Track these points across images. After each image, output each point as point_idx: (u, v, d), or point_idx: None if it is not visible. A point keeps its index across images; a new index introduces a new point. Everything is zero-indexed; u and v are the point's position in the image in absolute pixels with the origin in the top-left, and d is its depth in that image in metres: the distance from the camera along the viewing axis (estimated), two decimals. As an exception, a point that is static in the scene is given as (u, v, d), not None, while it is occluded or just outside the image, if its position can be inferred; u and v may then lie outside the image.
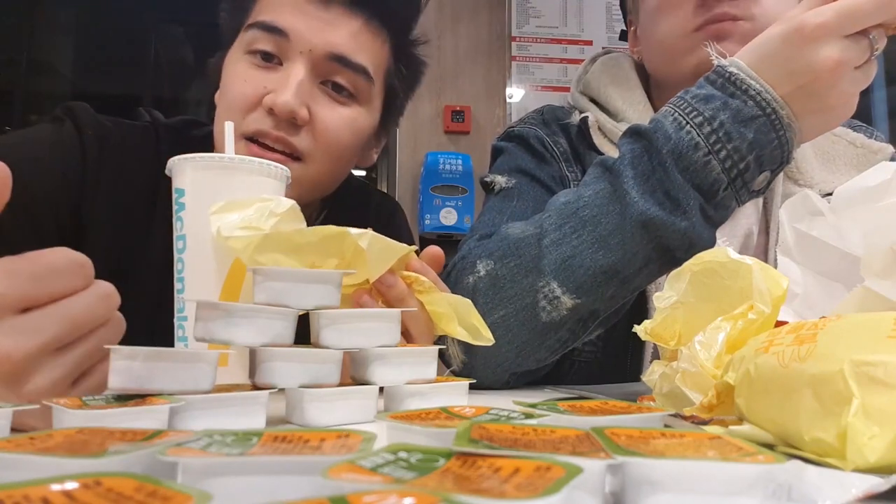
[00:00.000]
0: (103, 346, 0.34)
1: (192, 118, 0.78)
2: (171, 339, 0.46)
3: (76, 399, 0.30)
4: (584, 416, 0.29)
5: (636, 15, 0.83)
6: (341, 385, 0.38)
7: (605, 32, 2.50)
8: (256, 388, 0.36)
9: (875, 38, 0.49)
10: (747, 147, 0.51)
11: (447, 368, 0.60)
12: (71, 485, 0.15)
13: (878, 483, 0.19)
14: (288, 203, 0.43)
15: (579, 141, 0.79)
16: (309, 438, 0.23)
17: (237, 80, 0.65)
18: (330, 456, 0.20)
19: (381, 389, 0.39)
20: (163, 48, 3.26)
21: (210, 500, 0.15)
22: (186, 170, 0.45)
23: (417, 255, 0.50)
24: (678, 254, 0.53)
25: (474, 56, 2.42)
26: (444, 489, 0.15)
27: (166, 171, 0.47)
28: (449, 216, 2.21)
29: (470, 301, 0.48)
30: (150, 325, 0.50)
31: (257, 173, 0.46)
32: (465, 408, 0.31)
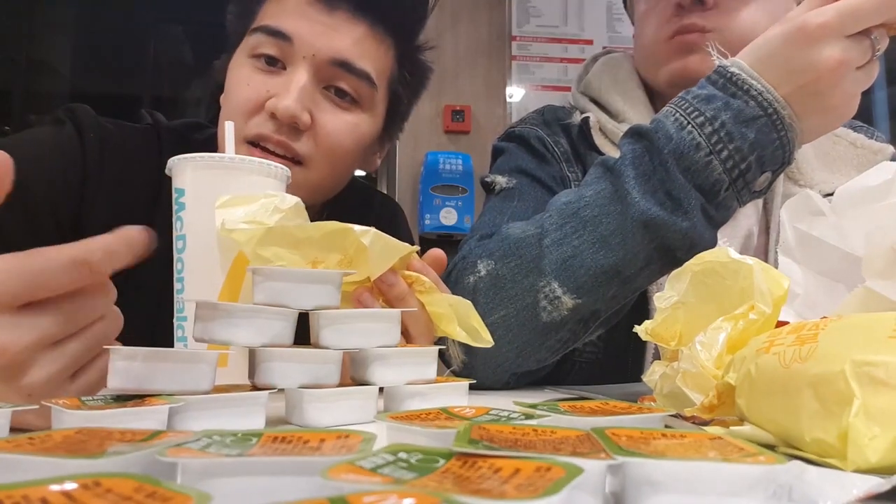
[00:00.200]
0: (101, 342, 0.34)
1: (195, 121, 0.78)
2: (171, 339, 0.46)
3: (75, 399, 0.30)
4: (585, 416, 0.29)
5: (633, 18, 0.83)
6: (341, 385, 0.38)
7: (605, 32, 2.49)
8: (256, 388, 0.36)
9: (877, 38, 0.49)
10: (749, 147, 0.51)
11: (447, 369, 0.60)
12: (70, 485, 0.15)
13: (878, 483, 0.19)
14: (293, 199, 0.43)
15: (580, 141, 0.79)
16: (308, 439, 0.23)
17: (240, 84, 0.65)
18: (330, 456, 0.20)
19: (381, 390, 0.39)
20: (162, 48, 3.26)
21: (209, 500, 0.15)
22: (186, 169, 0.45)
23: (419, 256, 0.50)
24: (679, 254, 0.53)
25: (474, 55, 2.42)
26: (444, 490, 0.15)
27: (166, 171, 0.47)
28: (449, 216, 2.20)
29: (470, 302, 0.48)
30: (150, 326, 0.50)
31: (257, 173, 0.46)
32: (466, 408, 0.31)
